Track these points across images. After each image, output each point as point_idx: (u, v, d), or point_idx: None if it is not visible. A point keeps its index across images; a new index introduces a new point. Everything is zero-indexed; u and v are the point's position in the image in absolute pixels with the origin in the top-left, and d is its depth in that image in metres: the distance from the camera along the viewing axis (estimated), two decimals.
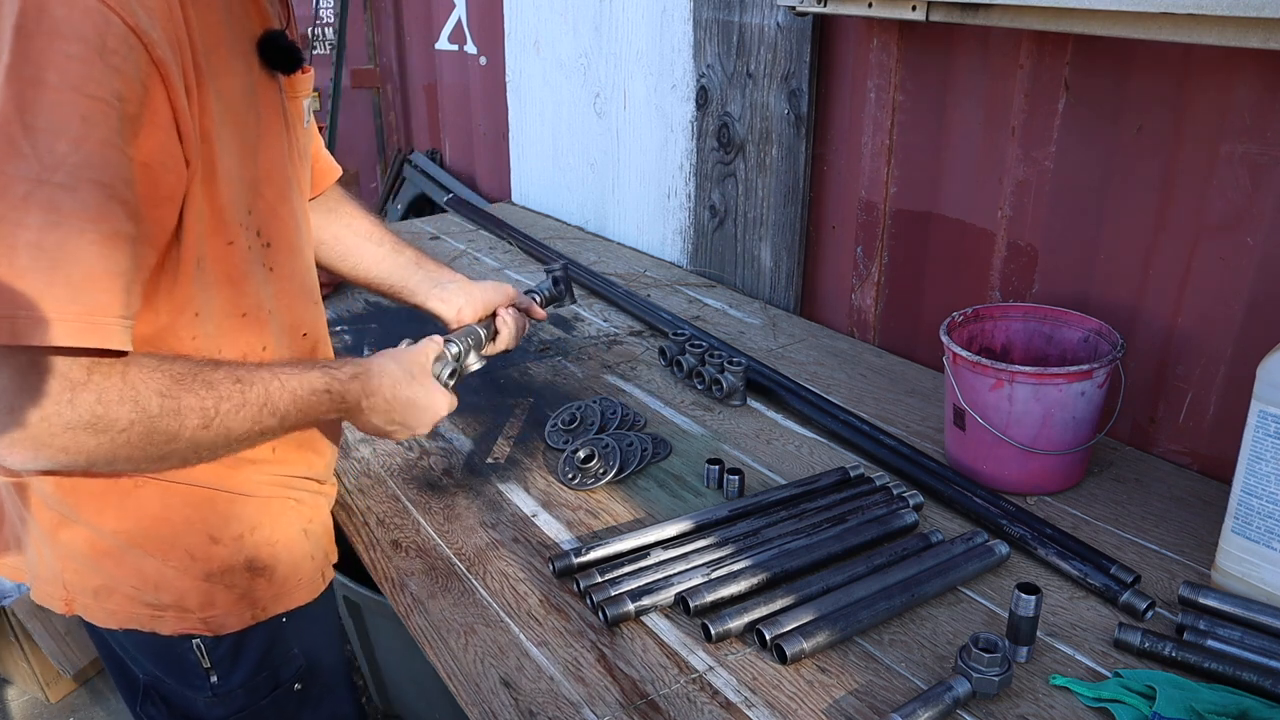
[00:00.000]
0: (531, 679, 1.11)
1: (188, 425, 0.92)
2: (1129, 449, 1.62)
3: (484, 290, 1.44)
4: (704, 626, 1.15)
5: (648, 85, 2.56)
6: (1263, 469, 1.16)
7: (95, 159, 0.82)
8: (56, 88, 0.80)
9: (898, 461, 1.53)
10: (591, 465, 1.52)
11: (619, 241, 2.84)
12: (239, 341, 1.06)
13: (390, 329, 2.17)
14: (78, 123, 0.81)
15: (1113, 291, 1.62)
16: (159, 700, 1.18)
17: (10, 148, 0.80)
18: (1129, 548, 1.34)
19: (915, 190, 1.94)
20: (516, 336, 1.44)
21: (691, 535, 1.34)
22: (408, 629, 1.23)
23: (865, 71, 1.96)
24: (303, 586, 1.20)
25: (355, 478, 1.56)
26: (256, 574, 1.14)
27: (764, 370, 1.86)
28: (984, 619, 1.20)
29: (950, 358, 1.46)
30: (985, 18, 1.54)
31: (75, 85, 0.81)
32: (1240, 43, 1.22)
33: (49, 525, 1.07)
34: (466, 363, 1.35)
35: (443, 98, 3.88)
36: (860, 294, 2.11)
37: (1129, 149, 1.54)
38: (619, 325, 2.19)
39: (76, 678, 2.63)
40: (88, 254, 0.83)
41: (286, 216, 1.11)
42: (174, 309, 0.99)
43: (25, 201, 0.80)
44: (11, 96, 0.80)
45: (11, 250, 0.80)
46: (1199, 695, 1.04)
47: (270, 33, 1.04)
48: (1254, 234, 1.41)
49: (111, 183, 0.84)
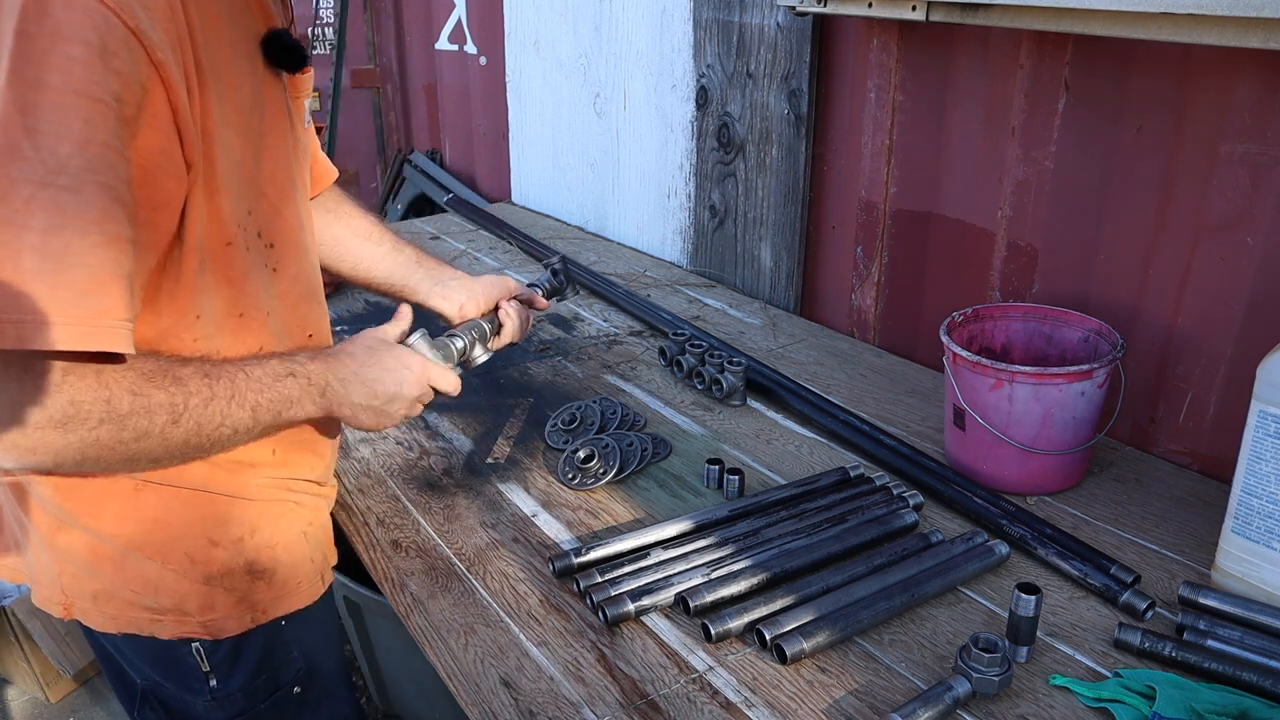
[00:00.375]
0: (531, 679, 1.11)
1: (157, 422, 0.91)
2: (1129, 449, 1.62)
3: (485, 285, 1.43)
4: (704, 626, 1.15)
5: (648, 85, 2.56)
6: (1263, 469, 1.16)
7: (98, 161, 0.82)
8: (59, 90, 0.80)
9: (898, 461, 1.53)
10: (591, 465, 1.52)
11: (619, 241, 2.84)
12: (237, 342, 1.05)
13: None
14: (80, 125, 0.81)
15: (1113, 291, 1.62)
16: (157, 705, 1.18)
17: (13, 150, 0.79)
18: (1129, 548, 1.34)
19: (915, 190, 1.94)
20: (521, 328, 1.44)
21: (691, 535, 1.34)
22: (408, 629, 1.23)
23: (865, 71, 1.96)
24: (302, 589, 1.19)
25: (355, 478, 1.56)
26: (256, 577, 1.13)
27: (764, 370, 1.86)
28: (984, 619, 1.20)
29: (950, 358, 1.46)
30: (985, 18, 1.54)
31: (77, 88, 0.81)
32: (1240, 43, 1.22)
33: (47, 530, 1.07)
34: (473, 355, 1.35)
35: (443, 98, 3.88)
36: (860, 294, 2.11)
37: (1129, 149, 1.54)
38: (619, 325, 2.19)
39: (76, 678, 2.63)
40: (92, 257, 0.82)
41: (290, 217, 1.10)
42: (176, 311, 0.99)
43: (29, 204, 0.79)
44: (13, 99, 0.80)
45: (16, 254, 0.79)
46: (1199, 695, 1.04)
47: (274, 31, 1.04)
48: (1254, 234, 1.41)
49: (114, 185, 0.84)
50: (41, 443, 0.85)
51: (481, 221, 2.99)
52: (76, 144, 0.81)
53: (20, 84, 0.80)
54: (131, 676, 1.18)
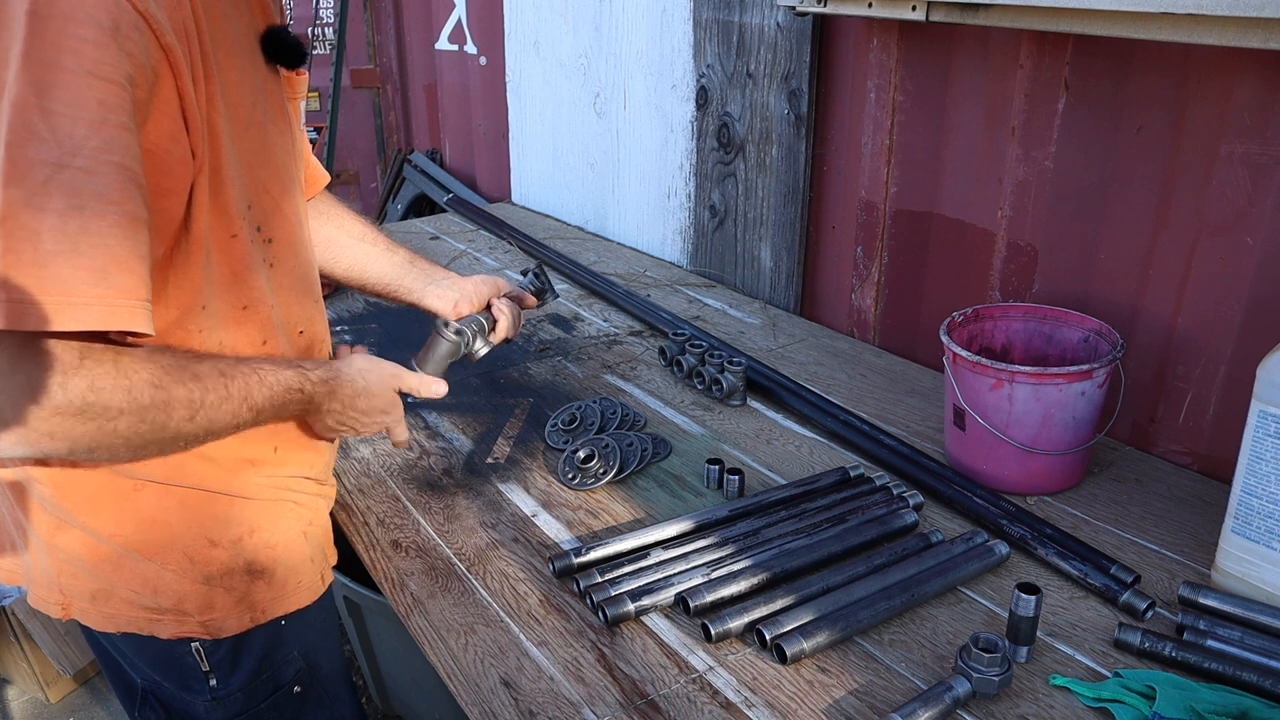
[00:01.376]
0: (531, 679, 1.11)
1: (175, 417, 0.92)
2: (1129, 449, 1.62)
3: (476, 284, 1.46)
4: (704, 626, 1.15)
5: (648, 85, 2.56)
6: (1263, 469, 1.16)
7: (114, 143, 0.82)
8: (73, 71, 0.80)
9: (898, 461, 1.53)
10: (591, 465, 1.52)
11: (619, 241, 2.84)
12: (240, 335, 1.06)
13: (390, 329, 2.17)
14: (95, 106, 0.81)
15: (1113, 291, 1.62)
16: (157, 704, 1.18)
17: (29, 132, 0.80)
18: (1129, 548, 1.34)
19: (915, 190, 1.94)
20: (514, 324, 1.47)
21: (691, 535, 1.34)
22: (408, 629, 1.23)
23: (865, 71, 1.96)
24: (302, 589, 1.19)
25: (355, 478, 1.56)
26: (255, 577, 1.13)
27: (764, 370, 1.86)
28: (984, 619, 1.20)
29: (950, 358, 1.46)
30: (985, 18, 1.54)
31: (91, 69, 0.81)
32: (1240, 43, 1.22)
33: (46, 530, 1.07)
34: (475, 348, 1.40)
35: (443, 98, 3.88)
36: (860, 294, 2.11)
37: (1129, 149, 1.54)
38: (619, 325, 2.19)
39: (76, 678, 2.63)
40: (111, 237, 0.82)
41: (289, 213, 1.11)
42: (184, 303, 0.99)
43: (46, 186, 0.80)
44: (29, 81, 0.80)
45: (36, 235, 0.79)
46: (1199, 695, 1.04)
47: (274, 28, 1.05)
48: (1254, 234, 1.41)
49: (130, 166, 0.84)
50: (60, 428, 0.84)
51: (481, 221, 2.99)
52: (92, 125, 0.81)
53: (35, 65, 0.80)
54: (131, 676, 1.18)
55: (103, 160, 0.82)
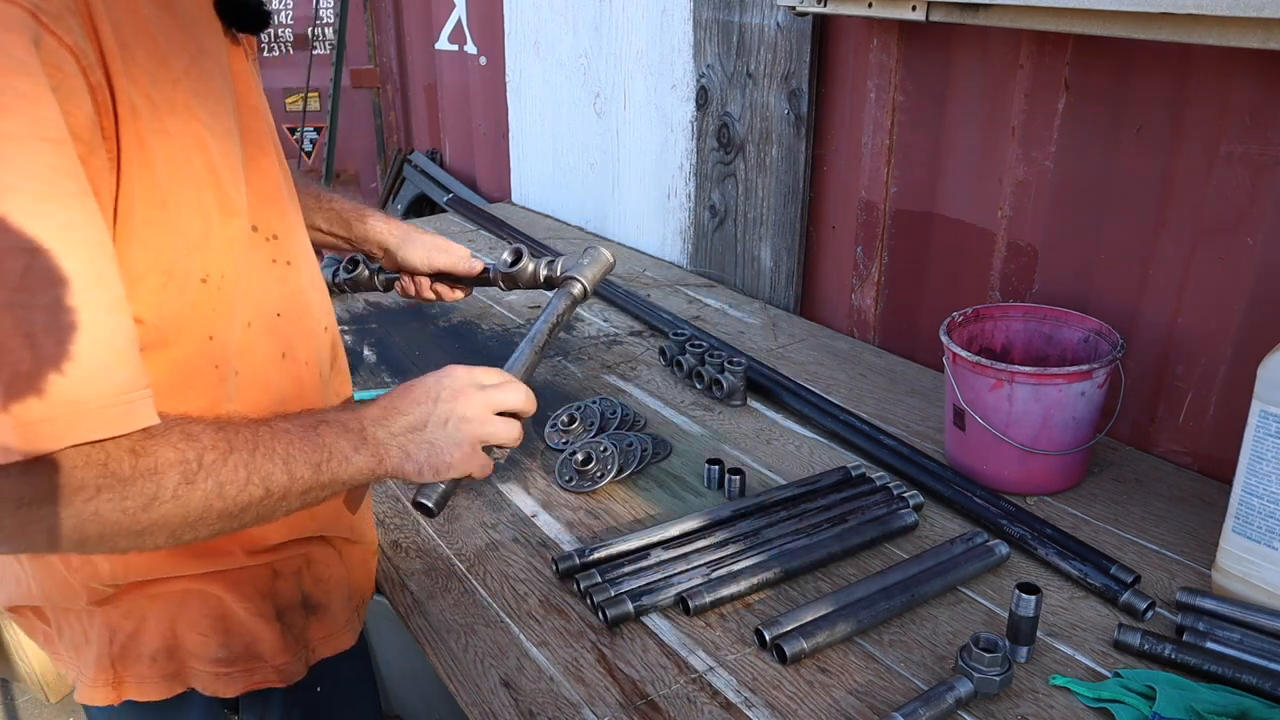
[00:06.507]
0: (531, 679, 1.11)
1: (167, 484, 0.77)
2: (1129, 449, 1.62)
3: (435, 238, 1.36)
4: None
5: (648, 85, 2.56)
6: (1263, 469, 1.16)
7: (78, 217, 0.71)
8: (21, 139, 0.68)
9: (897, 461, 1.53)
10: (589, 468, 1.52)
11: (619, 241, 2.84)
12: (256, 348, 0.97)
13: (390, 329, 2.17)
14: (49, 174, 0.69)
15: (1113, 291, 1.62)
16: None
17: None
18: (1129, 548, 1.34)
19: (915, 190, 1.94)
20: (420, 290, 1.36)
21: (692, 535, 1.34)
22: (408, 629, 1.23)
23: (865, 71, 1.96)
24: (342, 628, 1.13)
25: None
26: (310, 613, 1.08)
27: (764, 370, 1.86)
28: (984, 619, 1.20)
29: (950, 358, 1.46)
30: (985, 18, 1.54)
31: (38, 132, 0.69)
32: (1240, 43, 1.22)
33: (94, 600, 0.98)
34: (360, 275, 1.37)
35: (443, 98, 3.87)
36: (860, 294, 2.11)
37: (1129, 149, 1.54)
38: (619, 325, 2.19)
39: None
40: (102, 328, 0.72)
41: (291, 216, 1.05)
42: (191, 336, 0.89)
43: (26, 279, 0.68)
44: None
45: (30, 338, 0.68)
46: (1199, 695, 1.04)
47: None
48: (1254, 234, 1.41)
49: (100, 239, 0.74)
50: (29, 520, 0.71)
51: (481, 222, 2.99)
52: (54, 198, 0.70)
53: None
54: None
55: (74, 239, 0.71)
